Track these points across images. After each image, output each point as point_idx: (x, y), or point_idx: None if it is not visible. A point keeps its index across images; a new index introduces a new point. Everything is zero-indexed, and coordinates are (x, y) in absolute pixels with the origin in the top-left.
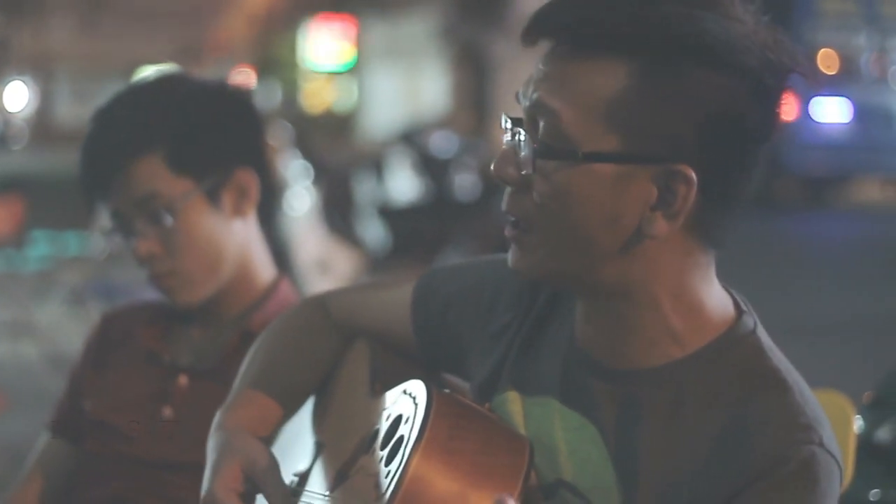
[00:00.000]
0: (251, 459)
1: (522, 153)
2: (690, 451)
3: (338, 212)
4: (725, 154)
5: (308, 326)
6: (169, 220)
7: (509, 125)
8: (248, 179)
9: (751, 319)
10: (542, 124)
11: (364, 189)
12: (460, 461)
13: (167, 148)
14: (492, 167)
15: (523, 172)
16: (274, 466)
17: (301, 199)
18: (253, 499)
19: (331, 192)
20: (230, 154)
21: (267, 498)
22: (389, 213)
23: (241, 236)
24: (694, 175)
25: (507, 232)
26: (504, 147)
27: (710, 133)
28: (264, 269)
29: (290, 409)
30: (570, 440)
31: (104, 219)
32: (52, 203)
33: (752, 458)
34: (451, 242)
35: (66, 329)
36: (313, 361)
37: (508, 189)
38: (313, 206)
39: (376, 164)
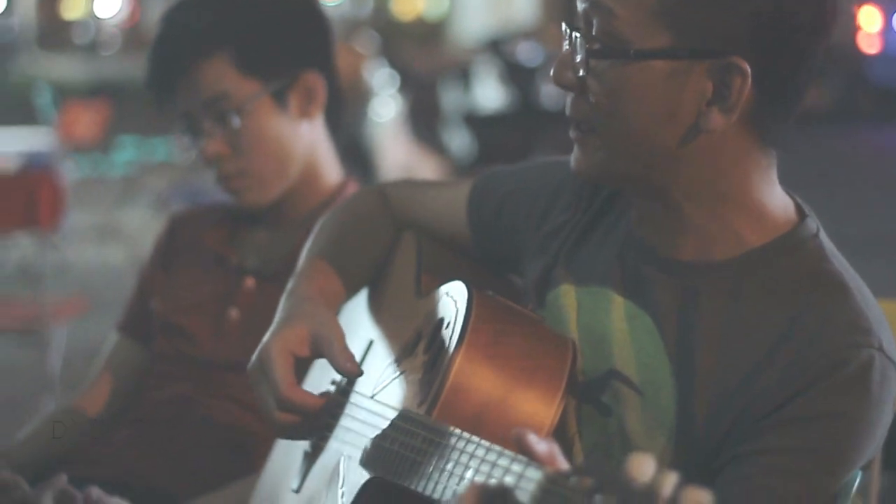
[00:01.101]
0: (319, 325)
1: (578, 56)
2: (747, 348)
3: (423, 120)
4: (780, 47)
5: (366, 214)
6: (236, 121)
7: (567, 30)
8: (316, 82)
9: (813, 223)
10: (595, 24)
11: (451, 97)
12: (502, 365)
13: (235, 49)
14: (551, 74)
15: (580, 74)
16: (341, 335)
17: (387, 106)
18: (307, 368)
19: (417, 99)
20: (298, 56)
21: (328, 356)
22: (475, 122)
23: (308, 139)
24: (748, 67)
25: (571, 134)
26: (562, 52)
27: (763, 25)
28: (331, 171)
29: (350, 290)
30: (624, 330)
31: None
32: (139, 109)
33: (811, 359)
34: (536, 151)
35: (151, 233)
36: (368, 248)
37: (570, 94)
38: (399, 113)
39: (464, 73)
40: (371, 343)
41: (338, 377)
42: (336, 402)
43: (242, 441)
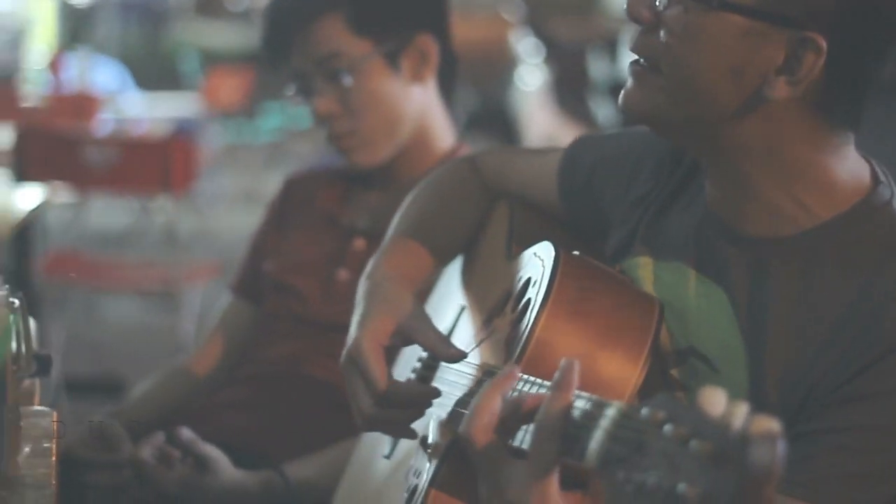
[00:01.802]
0: (402, 310)
1: None
2: (820, 321)
3: (570, 89)
4: (862, 31)
5: (459, 184)
6: (348, 80)
7: None
8: (429, 45)
9: (888, 190)
10: None
11: (598, 67)
12: (588, 322)
13: (349, 8)
14: (625, 6)
15: (659, 7)
16: (424, 316)
17: (533, 74)
18: (396, 355)
19: (563, 69)
20: (411, 18)
21: (422, 344)
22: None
23: (420, 102)
24: (825, 46)
25: (630, 67)
26: None
27: (851, 7)
28: (443, 135)
29: (439, 263)
30: (700, 306)
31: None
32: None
33: (879, 332)
34: None
35: None
36: (461, 218)
37: (638, 29)
38: (545, 82)
39: (611, 43)
40: (462, 309)
41: (425, 353)
42: (425, 386)
43: (345, 401)
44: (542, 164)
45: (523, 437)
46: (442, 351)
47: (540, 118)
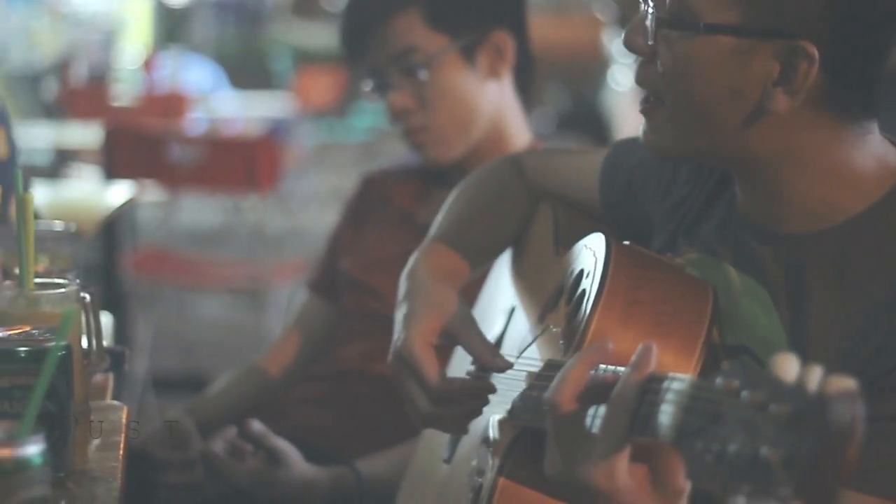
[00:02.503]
0: (448, 310)
1: (649, 23)
2: (856, 316)
3: None
4: (854, 32)
5: (501, 185)
6: (424, 75)
7: None
8: (505, 41)
9: None
10: None
11: None
12: (643, 310)
13: (426, 3)
14: (622, 38)
15: (650, 43)
16: (469, 318)
17: (625, 74)
18: (447, 352)
19: None
20: (488, 14)
21: (467, 349)
22: None
23: (495, 98)
24: (816, 52)
25: (640, 107)
26: (636, 17)
27: (836, 11)
28: (519, 133)
29: (479, 264)
30: (744, 304)
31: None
32: None
33: None
34: None
35: None
36: (502, 218)
37: (639, 60)
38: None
39: None
40: (513, 309)
41: (493, 336)
42: (482, 380)
43: None
44: (584, 166)
45: (592, 421)
46: (487, 359)
47: (631, 118)
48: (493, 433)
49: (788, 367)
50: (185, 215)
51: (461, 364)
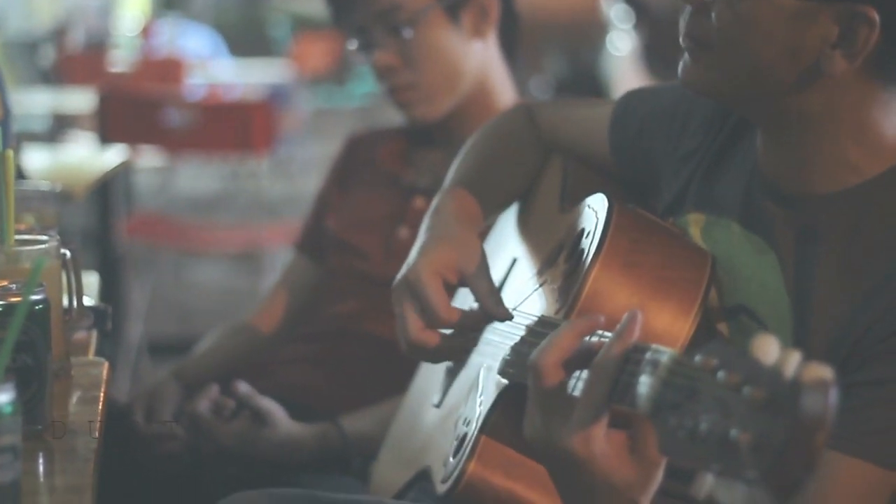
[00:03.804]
0: (466, 251)
1: None
2: (866, 279)
3: (660, 54)
4: None
5: (515, 135)
6: (409, 33)
7: None
8: (490, 1)
9: None
10: None
11: None
12: (640, 273)
13: None
14: None
15: None
16: (484, 263)
17: (624, 40)
18: (453, 293)
19: (654, 34)
20: None
21: (474, 292)
22: None
23: (480, 57)
24: (877, 17)
25: (683, 42)
26: None
27: None
28: (503, 93)
29: (495, 210)
30: (749, 264)
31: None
32: None
33: None
34: None
35: None
36: (517, 167)
37: (688, 9)
38: (635, 47)
39: None
40: (515, 260)
41: None
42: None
43: (404, 358)
44: (595, 117)
45: (575, 385)
46: (491, 305)
47: (631, 83)
48: (481, 382)
49: (768, 349)
50: (183, 181)
51: (464, 303)
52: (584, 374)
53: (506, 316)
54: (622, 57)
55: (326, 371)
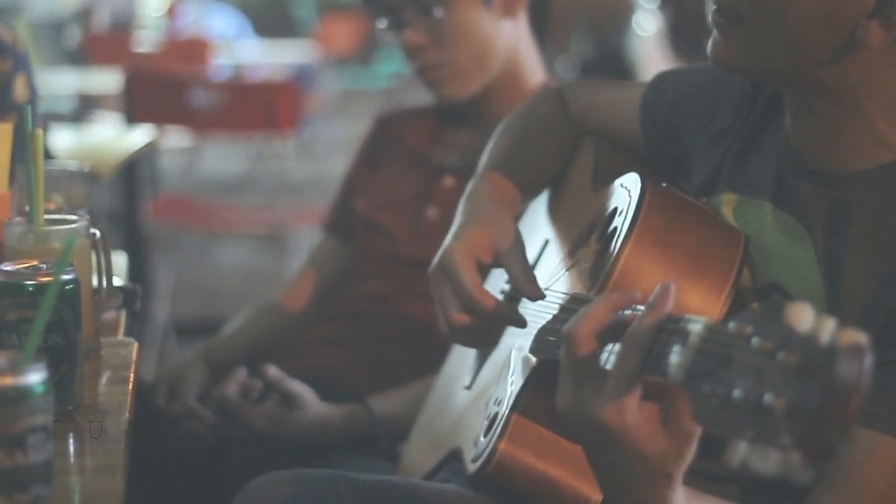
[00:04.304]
0: (500, 232)
1: None
2: (893, 260)
3: (686, 35)
4: None
5: (547, 118)
6: (439, 12)
7: None
8: None
9: None
10: None
11: None
12: (673, 252)
13: None
14: None
15: None
16: (520, 244)
17: (650, 20)
18: (486, 275)
19: (680, 14)
20: None
21: (509, 272)
22: None
23: (510, 36)
24: None
25: (713, 18)
26: None
27: None
28: (533, 72)
29: (529, 195)
30: (781, 243)
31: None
32: None
33: None
34: None
35: None
36: (549, 151)
37: None
38: (661, 28)
39: None
40: (547, 242)
41: None
42: (513, 305)
43: (432, 338)
44: (626, 98)
45: (608, 358)
46: (523, 284)
47: (656, 64)
48: (513, 363)
49: (803, 316)
50: (208, 163)
51: (495, 286)
52: (617, 347)
53: (538, 294)
54: (648, 38)
55: (354, 351)
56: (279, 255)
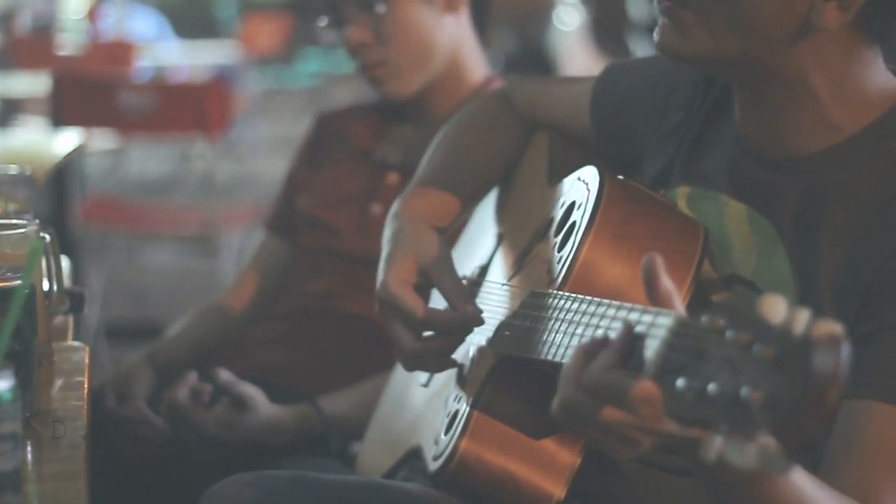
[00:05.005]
0: (425, 252)
1: None
2: (864, 233)
3: (608, 29)
4: None
5: (490, 120)
6: (381, 8)
7: None
8: None
9: None
10: None
11: (636, 6)
12: (632, 245)
13: None
14: None
15: None
16: (447, 260)
17: (571, 14)
18: (427, 292)
19: (601, 8)
20: None
21: (441, 292)
22: None
23: (453, 33)
24: None
25: (660, 5)
26: None
27: None
28: (476, 68)
29: (468, 202)
30: (741, 233)
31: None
32: None
33: None
34: None
35: None
36: (495, 155)
37: None
38: (583, 22)
39: None
40: (502, 237)
41: (481, 262)
42: (466, 307)
43: (380, 336)
44: (575, 94)
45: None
46: (458, 305)
47: (578, 58)
48: (471, 359)
49: (776, 308)
50: (134, 164)
51: (438, 305)
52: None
53: (473, 315)
54: (570, 32)
55: (301, 350)
56: (209, 255)
